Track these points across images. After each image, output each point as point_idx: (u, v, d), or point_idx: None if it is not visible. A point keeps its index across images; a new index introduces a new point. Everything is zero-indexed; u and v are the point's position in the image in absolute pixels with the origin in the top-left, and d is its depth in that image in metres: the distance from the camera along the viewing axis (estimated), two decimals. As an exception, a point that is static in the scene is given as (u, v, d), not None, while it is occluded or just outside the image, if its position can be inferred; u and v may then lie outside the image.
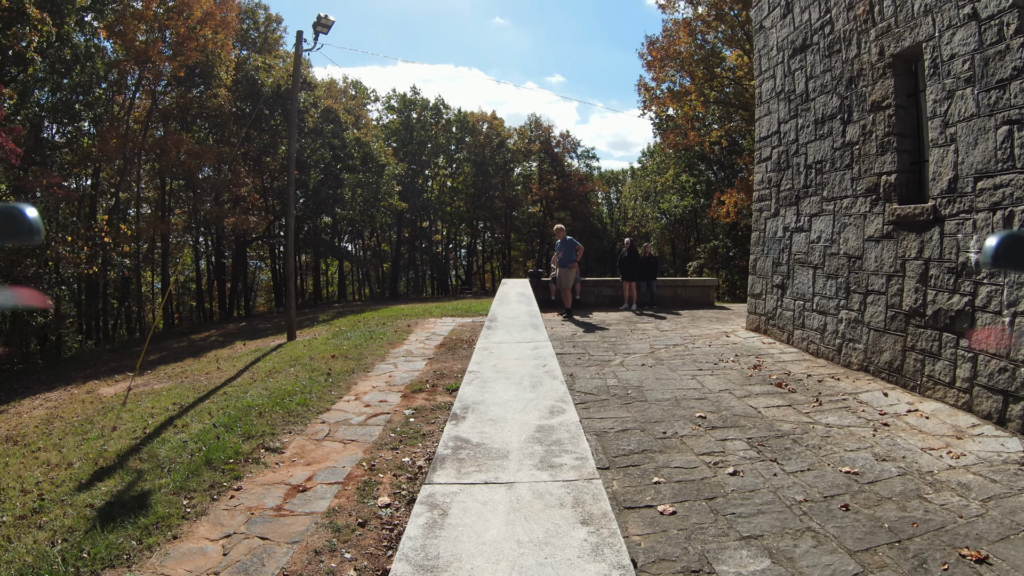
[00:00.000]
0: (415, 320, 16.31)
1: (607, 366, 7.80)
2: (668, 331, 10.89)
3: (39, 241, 2.18)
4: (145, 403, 11.01)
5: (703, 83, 33.94)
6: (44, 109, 26.04)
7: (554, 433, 2.68)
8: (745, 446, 5.05)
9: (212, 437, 7.53)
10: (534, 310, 7.25)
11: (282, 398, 8.88)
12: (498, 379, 3.70)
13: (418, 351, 11.64)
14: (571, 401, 3.20)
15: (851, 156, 8.19)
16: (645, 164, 58.16)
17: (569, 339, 10.05)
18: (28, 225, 1.71)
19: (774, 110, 10.32)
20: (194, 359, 16.27)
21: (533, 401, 3.20)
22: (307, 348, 13.30)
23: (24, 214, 1.72)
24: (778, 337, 9.80)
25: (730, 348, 9.22)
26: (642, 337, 10.23)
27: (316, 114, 29.97)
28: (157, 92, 28.18)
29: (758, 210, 10.74)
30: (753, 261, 10.86)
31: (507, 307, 7.76)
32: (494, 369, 3.98)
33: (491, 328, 5.85)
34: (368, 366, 10.63)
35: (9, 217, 1.74)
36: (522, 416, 2.95)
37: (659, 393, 6.48)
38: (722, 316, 13.15)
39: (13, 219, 1.73)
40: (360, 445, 6.85)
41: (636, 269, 14.56)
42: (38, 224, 1.74)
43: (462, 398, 3.32)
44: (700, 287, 15.60)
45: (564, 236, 13.32)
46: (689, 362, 8.11)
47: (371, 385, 9.33)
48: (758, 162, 10.85)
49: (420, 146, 49.83)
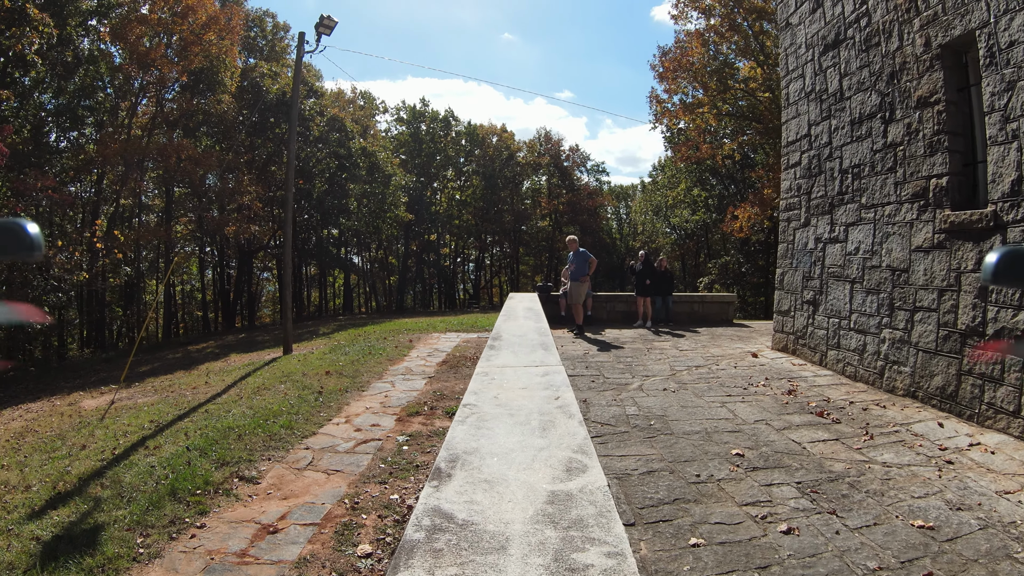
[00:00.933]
0: (418, 335, 15.54)
1: (624, 391, 6.97)
2: (688, 351, 10.05)
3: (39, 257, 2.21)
4: (123, 419, 10.26)
5: (716, 95, 33.27)
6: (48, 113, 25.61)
7: (573, 506, 1.89)
8: (795, 493, 4.22)
9: (183, 462, 6.78)
10: (543, 327, 6.46)
11: (266, 419, 8.11)
12: (499, 416, 2.90)
13: (418, 369, 10.86)
14: (594, 452, 2.40)
15: (894, 158, 7.40)
16: (656, 178, 57.44)
17: (581, 359, 9.23)
18: (29, 241, 1.71)
19: (803, 112, 9.55)
20: (185, 372, 15.53)
21: (544, 451, 2.41)
22: (301, 363, 12.54)
23: (25, 229, 1.71)
24: (809, 358, 8.96)
25: (758, 370, 8.38)
26: (660, 357, 9.40)
27: (322, 122, 29.38)
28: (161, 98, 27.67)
29: (785, 220, 9.93)
30: (780, 275, 10.04)
31: (513, 323, 6.97)
32: (495, 402, 3.19)
33: (494, 348, 5.06)
34: (363, 384, 9.86)
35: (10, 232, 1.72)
36: (528, 476, 2.15)
37: (686, 424, 5.66)
38: (743, 334, 12.31)
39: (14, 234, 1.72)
40: (345, 477, 6.07)
41: (652, 284, 13.77)
42: (39, 240, 1.73)
43: (451, 444, 2.53)
44: (718, 303, 14.76)
45: (577, 248, 12.52)
46: (716, 387, 7.28)
47: (364, 406, 8.55)
48: (785, 168, 10.06)
49: (429, 158, 49.26)
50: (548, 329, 6.30)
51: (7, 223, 1.74)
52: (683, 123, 36.48)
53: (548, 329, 6.30)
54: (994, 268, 1.79)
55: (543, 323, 6.92)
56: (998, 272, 1.80)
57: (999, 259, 1.78)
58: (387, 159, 33.75)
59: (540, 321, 7.14)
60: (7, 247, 1.77)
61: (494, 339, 5.60)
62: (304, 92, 29.09)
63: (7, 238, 1.73)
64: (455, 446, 2.49)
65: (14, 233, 1.72)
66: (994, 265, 1.79)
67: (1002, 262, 1.78)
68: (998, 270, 1.79)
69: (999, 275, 1.81)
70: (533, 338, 5.59)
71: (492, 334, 5.99)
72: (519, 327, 6.53)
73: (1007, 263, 1.78)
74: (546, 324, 6.83)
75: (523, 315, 8.00)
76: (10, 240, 1.73)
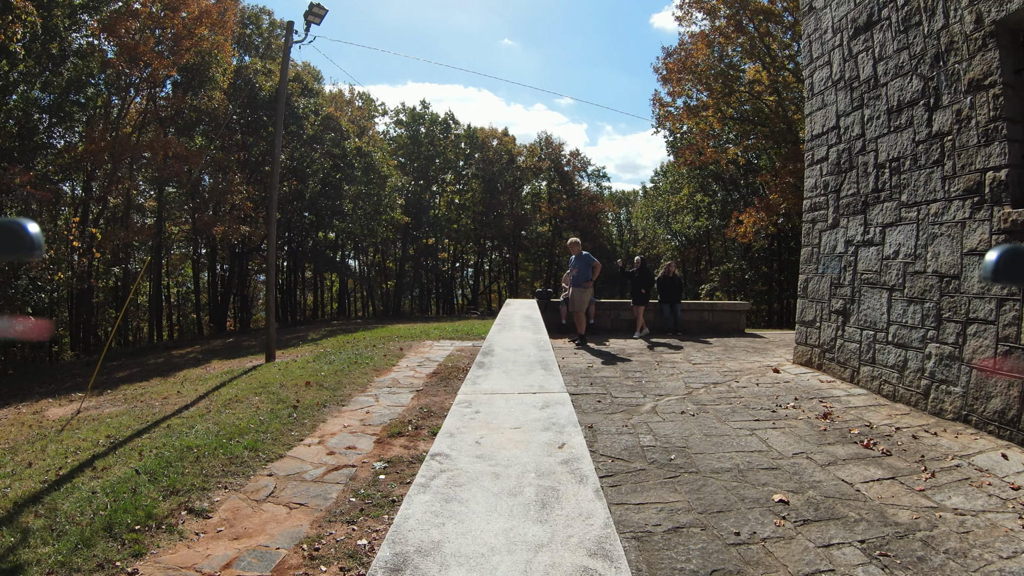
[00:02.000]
0: (409, 343, 14.64)
1: (636, 413, 6.07)
2: (702, 364, 9.14)
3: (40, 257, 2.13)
4: (81, 432, 9.34)
5: (720, 98, 32.51)
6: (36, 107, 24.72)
7: None
8: (861, 556, 3.32)
9: (128, 489, 5.90)
10: (543, 339, 5.56)
11: (230, 438, 7.23)
12: (479, 478, 2.01)
13: (406, 381, 9.96)
14: (621, 553, 1.50)
15: (941, 150, 6.53)
16: (658, 183, 56.59)
17: (584, 374, 8.31)
18: (30, 240, 1.68)
19: (830, 102, 8.68)
20: (162, 379, 14.61)
21: (543, 551, 1.52)
22: (281, 372, 11.63)
23: (26, 229, 1.69)
24: (838, 374, 8.06)
25: (783, 389, 7.47)
26: (673, 372, 8.49)
27: (316, 121, 28.46)
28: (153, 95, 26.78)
29: (810, 221, 9.05)
30: (804, 282, 9.15)
31: (509, 335, 6.08)
32: (475, 451, 2.29)
33: (484, 366, 4.16)
34: (344, 398, 8.96)
35: (10, 232, 1.69)
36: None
37: (714, 459, 4.74)
38: (758, 345, 11.41)
39: (14, 234, 1.69)
40: (309, 512, 5.19)
41: (648, 292, 12.88)
42: (39, 240, 1.71)
43: (400, 531, 1.63)
44: (729, 312, 13.83)
45: (580, 251, 11.60)
46: (739, 408, 6.37)
47: (342, 424, 7.65)
48: (809, 165, 9.18)
49: (428, 161, 48.35)
50: (548, 341, 5.40)
51: (8, 223, 1.71)
52: (687, 126, 35.68)
53: (548, 341, 5.40)
54: (994, 266, 1.72)
55: (542, 334, 6.02)
56: (998, 270, 1.72)
57: (999, 257, 1.72)
58: (383, 159, 32.81)
59: (539, 332, 6.24)
60: (8, 247, 1.73)
61: (485, 354, 4.71)
62: (299, 90, 28.28)
63: (8, 238, 1.70)
64: (406, 536, 1.59)
65: (15, 233, 1.69)
66: (994, 263, 1.72)
67: (1002, 260, 1.71)
68: (998, 268, 1.72)
69: (999, 273, 1.73)
70: (531, 353, 4.69)
71: (483, 347, 5.09)
72: (515, 339, 5.63)
73: (1008, 261, 1.71)
74: (545, 335, 5.94)
75: (520, 324, 7.11)
76: (10, 240, 1.70)
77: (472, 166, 52.56)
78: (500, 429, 2.57)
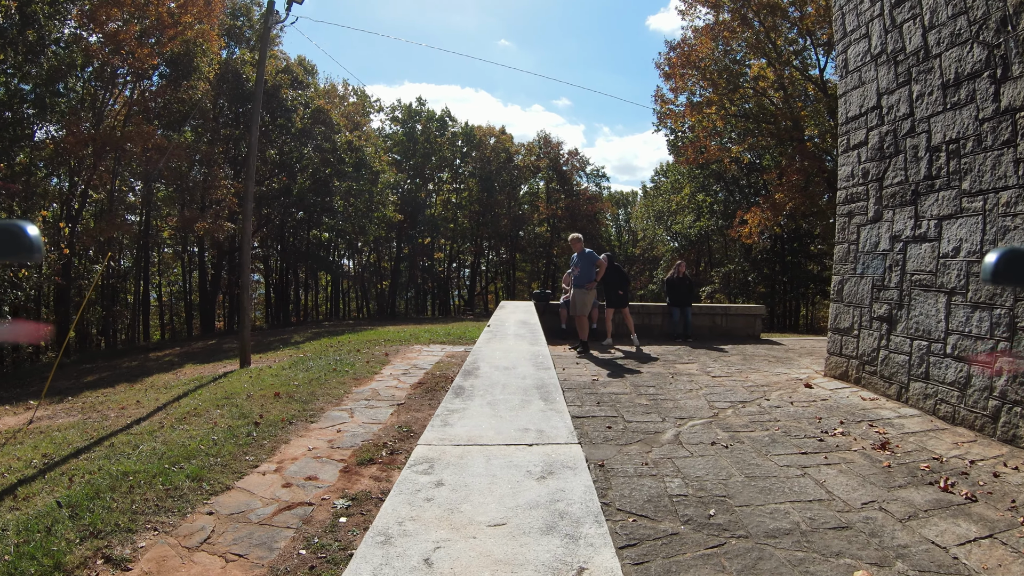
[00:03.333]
0: (397, 347, 13.56)
1: (656, 443, 4.97)
2: (723, 377, 8.04)
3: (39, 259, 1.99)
4: (18, 449, 8.26)
5: (725, 94, 31.51)
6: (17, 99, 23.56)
7: None
8: None
9: (43, 527, 4.87)
10: (541, 353, 4.49)
11: (175, 462, 6.17)
12: None
13: (387, 392, 8.89)
14: None
15: (1012, 128, 5.48)
16: (658, 183, 55.57)
17: (589, 389, 7.21)
18: (28, 242, 1.67)
19: (869, 79, 7.63)
20: (128, 385, 13.53)
21: None
22: (252, 381, 10.56)
23: (25, 231, 1.68)
24: (881, 390, 7.00)
25: (823, 409, 6.40)
26: (691, 387, 7.40)
27: (306, 114, 27.31)
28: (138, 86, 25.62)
29: (846, 215, 7.99)
30: (838, 284, 8.08)
31: (500, 346, 5.01)
32: None
33: (463, 393, 3.09)
34: (315, 413, 7.89)
35: (9, 234, 1.69)
36: None
37: (765, 513, 3.63)
38: (779, 354, 10.34)
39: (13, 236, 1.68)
40: (247, 568, 4.15)
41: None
42: (38, 242, 1.69)
43: None
44: (744, 316, 12.74)
45: (582, 248, 10.53)
46: (779, 436, 5.29)
47: (307, 446, 6.59)
48: (844, 151, 8.13)
49: (424, 159, 47.13)
50: (548, 356, 4.33)
51: (7, 225, 1.69)
52: (689, 123, 34.62)
53: (548, 356, 4.33)
54: (993, 268, 1.69)
55: (540, 346, 4.95)
56: (997, 272, 1.69)
57: (999, 259, 1.69)
58: (375, 155, 31.63)
59: (536, 342, 5.17)
60: (6, 249, 1.73)
61: (467, 374, 3.64)
62: (288, 81, 27.17)
63: (6, 240, 1.68)
64: None
65: (13, 235, 1.67)
66: (993, 265, 1.69)
67: (1002, 262, 1.69)
68: (997, 270, 1.69)
69: (999, 275, 1.70)
70: (526, 373, 3.63)
71: (466, 363, 4.03)
72: (507, 352, 4.57)
73: (1007, 263, 1.68)
74: (545, 348, 4.86)
75: (514, 332, 6.04)
76: (9, 242, 1.68)
77: (469, 164, 51.42)
78: (471, 527, 1.52)
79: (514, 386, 3.25)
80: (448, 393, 3.16)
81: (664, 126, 42.98)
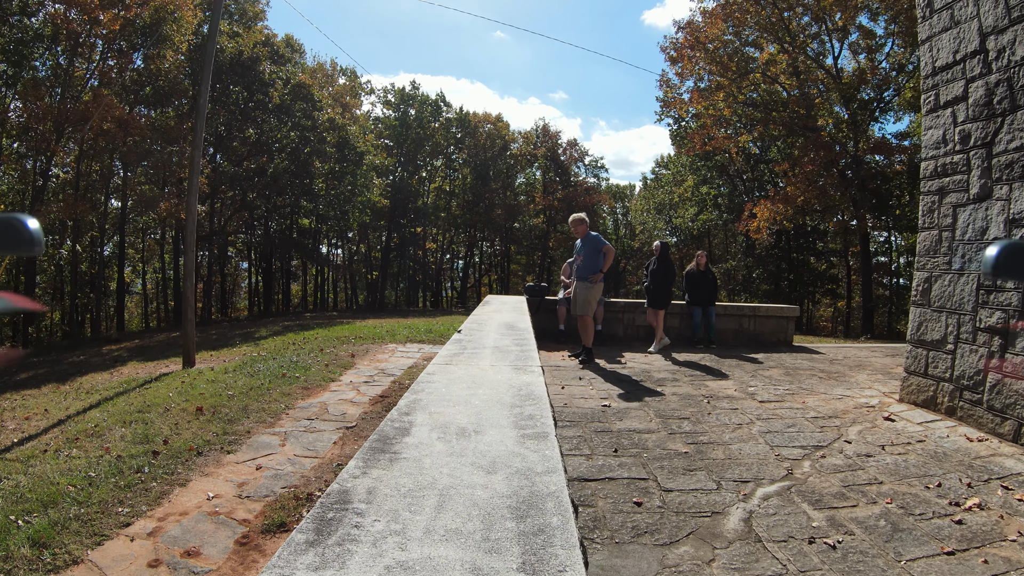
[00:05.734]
0: (367, 346, 11.70)
1: (719, 542, 3.06)
2: (773, 402, 6.17)
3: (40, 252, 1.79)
4: None
5: (734, 80, 29.69)
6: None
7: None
8: None
9: None
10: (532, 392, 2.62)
11: (28, 511, 4.77)
12: None
13: (338, 408, 7.05)
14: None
15: None
16: (659, 175, 53.65)
17: (599, 422, 5.33)
18: (28, 236, 1.64)
19: (966, 16, 5.78)
20: (56, 386, 11.64)
21: None
22: (183, 387, 8.70)
23: (25, 225, 1.64)
24: (989, 426, 5.18)
25: (929, 458, 4.55)
26: (737, 418, 5.52)
27: (286, 90, 25.25)
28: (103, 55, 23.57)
29: (934, 192, 6.13)
30: (922, 283, 6.22)
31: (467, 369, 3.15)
32: None
33: (355, 513, 1.25)
34: (237, 438, 6.06)
35: (9, 227, 1.65)
36: None
37: None
38: (824, 366, 8.49)
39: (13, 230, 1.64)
40: None
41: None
42: (39, 235, 1.66)
43: None
44: (774, 318, 10.82)
45: (586, 231, 8.64)
46: (898, 517, 3.42)
47: (209, 492, 4.78)
48: (930, 111, 6.28)
49: (417, 144, 44.94)
50: (544, 399, 2.48)
51: (6, 218, 1.65)
52: (698, 109, 32.74)
53: (544, 399, 2.48)
54: (994, 261, 1.66)
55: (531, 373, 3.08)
56: (998, 266, 1.66)
57: (999, 252, 1.65)
58: (359, 134, 29.49)
59: (525, 366, 3.30)
60: (6, 242, 1.67)
61: (387, 440, 1.81)
62: (267, 54, 25.13)
63: (6, 233, 1.64)
64: None
65: (13, 228, 1.63)
66: (994, 259, 1.66)
67: (1002, 255, 1.65)
68: (998, 263, 1.66)
69: (999, 268, 1.67)
70: (499, 452, 1.79)
71: (389, 420, 2.17)
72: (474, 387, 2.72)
73: (1007, 256, 1.66)
74: (538, 377, 3.00)
75: (494, 343, 4.18)
76: (9, 235, 1.63)
77: (464, 152, 49.37)
78: None
79: (468, 499, 1.43)
80: (350, 469, 1.39)
81: (667, 116, 41.25)
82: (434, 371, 3.04)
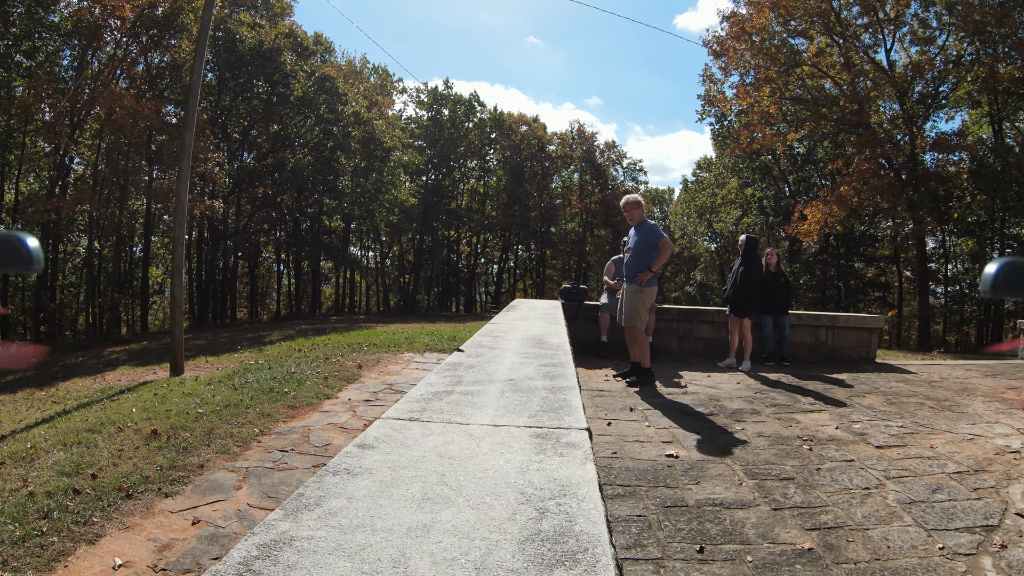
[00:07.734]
0: (381, 354, 10.30)
1: None
2: (893, 448, 4.48)
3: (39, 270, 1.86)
4: None
5: (782, 72, 27.91)
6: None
7: None
8: None
9: None
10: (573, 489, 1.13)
11: None
12: None
13: (320, 437, 5.62)
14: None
15: None
16: (700, 177, 51.66)
17: (665, 486, 3.59)
18: (27, 254, 1.61)
19: None
20: (33, 391, 10.52)
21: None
22: (153, 401, 7.38)
23: (24, 243, 1.62)
24: None
25: None
26: (858, 476, 3.87)
27: (310, 83, 24.10)
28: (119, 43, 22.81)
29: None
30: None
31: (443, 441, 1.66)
32: None
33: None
34: (183, 476, 4.68)
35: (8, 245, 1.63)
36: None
37: None
38: (925, 390, 6.80)
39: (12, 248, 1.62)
40: None
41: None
42: (38, 253, 1.63)
43: None
44: (856, 330, 9.03)
45: (642, 218, 7.04)
46: None
47: (113, 559, 3.53)
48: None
49: (450, 145, 43.66)
50: (599, 512, 1.01)
51: (6, 236, 1.64)
52: (740, 107, 30.90)
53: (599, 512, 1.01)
54: (993, 280, 1.68)
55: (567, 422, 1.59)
56: (997, 284, 1.68)
57: (998, 271, 1.69)
58: (386, 129, 28.18)
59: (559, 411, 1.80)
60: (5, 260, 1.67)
61: None
62: (289, 45, 24.04)
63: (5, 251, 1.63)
64: None
65: (12, 246, 1.62)
66: (993, 276, 1.68)
67: (1001, 273, 1.68)
68: (997, 282, 1.68)
69: (998, 287, 1.69)
70: None
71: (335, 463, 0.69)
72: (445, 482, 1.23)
73: (1006, 274, 1.68)
74: (583, 440, 1.52)
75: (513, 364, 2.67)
76: (9, 253, 1.62)
77: (498, 153, 48.05)
78: None
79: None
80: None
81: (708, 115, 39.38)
82: (378, 438, 1.56)
